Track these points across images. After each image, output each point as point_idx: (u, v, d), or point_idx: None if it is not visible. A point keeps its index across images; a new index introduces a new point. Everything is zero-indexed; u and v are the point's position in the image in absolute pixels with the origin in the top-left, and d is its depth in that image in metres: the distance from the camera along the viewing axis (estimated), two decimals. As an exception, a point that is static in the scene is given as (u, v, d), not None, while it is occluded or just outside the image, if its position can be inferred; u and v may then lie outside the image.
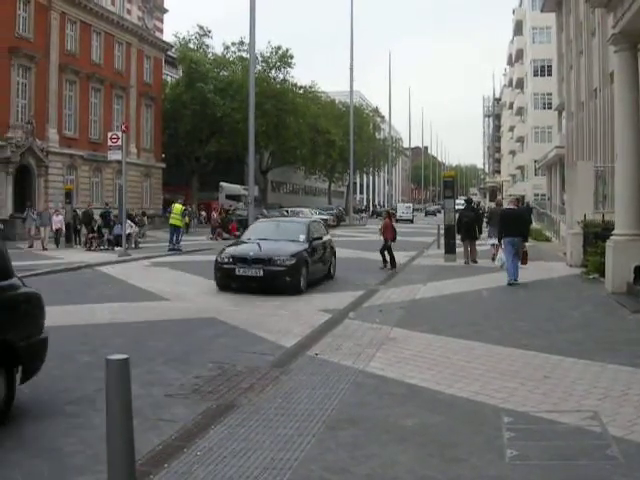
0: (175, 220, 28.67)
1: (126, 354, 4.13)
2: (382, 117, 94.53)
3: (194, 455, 5.28)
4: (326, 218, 52.90)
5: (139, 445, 4.52)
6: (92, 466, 5.18)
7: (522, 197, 60.02)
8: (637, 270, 13.48)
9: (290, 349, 9.34)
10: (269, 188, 72.03)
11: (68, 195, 33.42)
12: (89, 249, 28.69)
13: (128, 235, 27.77)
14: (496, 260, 18.28)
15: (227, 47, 58.03)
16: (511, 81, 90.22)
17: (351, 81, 61.51)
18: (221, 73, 56.11)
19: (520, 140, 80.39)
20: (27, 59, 37.65)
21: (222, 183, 58.00)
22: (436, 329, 10.34)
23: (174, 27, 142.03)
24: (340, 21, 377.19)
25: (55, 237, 29.86)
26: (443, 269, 20.01)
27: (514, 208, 17.71)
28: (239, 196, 56.12)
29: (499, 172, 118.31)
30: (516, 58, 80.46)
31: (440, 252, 23.94)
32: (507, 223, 16.35)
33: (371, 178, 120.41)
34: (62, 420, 6.41)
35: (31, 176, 38.16)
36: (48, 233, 29.58)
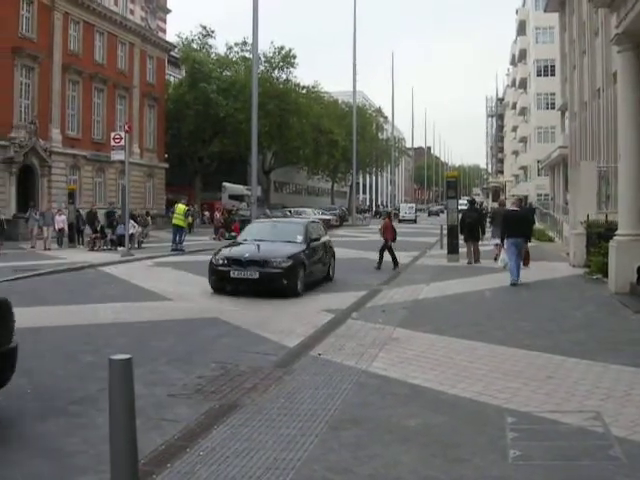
0: (178, 220, 28.69)
1: (129, 354, 4.13)
2: (385, 117, 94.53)
3: (197, 455, 5.28)
4: (329, 218, 53.04)
5: (142, 445, 4.52)
6: (95, 466, 5.18)
7: (525, 197, 60.03)
8: (640, 270, 13.46)
9: (293, 349, 9.33)
10: (272, 188, 72.06)
11: (71, 195, 33.45)
12: (92, 249, 28.72)
13: (131, 235, 27.79)
14: (499, 261, 18.27)
15: (230, 47, 58.21)
16: (514, 81, 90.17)
17: (354, 81, 61.65)
18: (224, 73, 56.17)
19: (523, 140, 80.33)
20: (30, 59, 37.70)
21: (225, 183, 58.03)
22: (439, 329, 10.34)
23: (177, 27, 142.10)
24: (343, 21, 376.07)
25: (58, 237, 29.88)
26: (446, 269, 20.00)
27: (517, 210, 17.68)
28: (242, 196, 56.14)
29: (502, 172, 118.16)
30: (519, 58, 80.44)
31: (443, 252, 23.92)
32: (510, 224, 16.39)
33: (374, 178, 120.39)
34: (65, 420, 6.41)
35: (34, 176, 38.23)
36: (51, 233, 29.60)
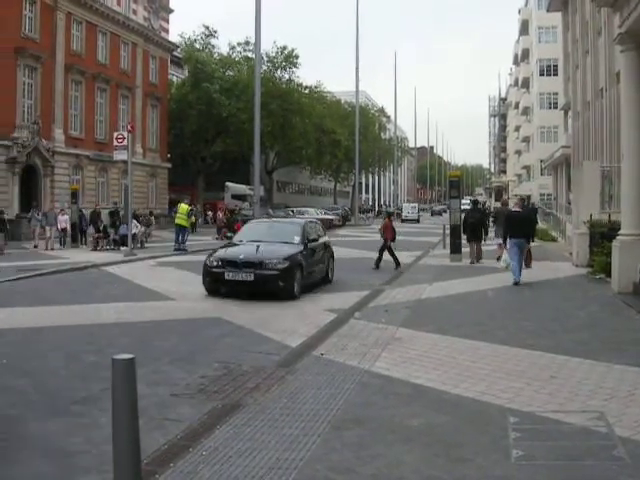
0: (181, 220, 28.69)
1: (132, 354, 4.13)
2: (388, 117, 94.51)
3: (200, 455, 5.28)
4: (331, 218, 53.03)
5: (145, 445, 4.52)
6: (98, 466, 5.19)
7: (528, 197, 59.88)
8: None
9: (296, 349, 9.34)
10: (275, 188, 72.11)
11: (74, 195, 33.48)
12: (95, 249, 28.74)
13: (134, 235, 27.80)
14: (501, 261, 18.26)
15: (233, 47, 58.13)
16: (517, 81, 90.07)
17: (357, 81, 61.56)
18: (227, 73, 56.13)
19: (526, 140, 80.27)
20: (33, 59, 37.73)
21: (228, 183, 58.06)
22: (442, 329, 10.33)
23: (180, 27, 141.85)
24: (346, 21, 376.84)
25: (60, 237, 29.90)
26: (449, 269, 19.99)
27: (519, 211, 17.67)
28: (245, 196, 56.19)
29: (505, 172, 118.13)
30: (522, 57, 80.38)
31: (446, 252, 23.91)
32: (512, 225, 16.40)
33: (377, 178, 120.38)
34: (68, 420, 6.41)
35: (37, 176, 38.26)
36: (54, 233, 29.62)
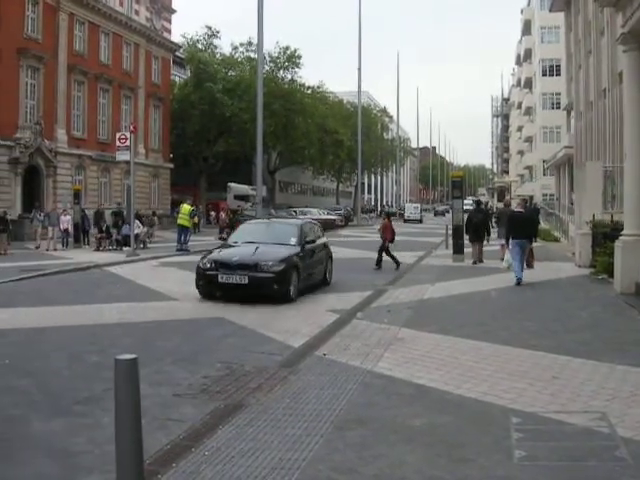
0: (183, 220, 28.72)
1: (135, 354, 4.13)
2: (390, 117, 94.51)
3: (202, 455, 5.29)
4: (334, 218, 53.05)
5: (147, 445, 4.53)
6: (100, 466, 5.19)
7: (530, 197, 59.89)
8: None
9: (298, 349, 9.34)
10: (277, 188, 72.09)
11: (77, 195, 33.47)
12: (97, 249, 28.77)
13: (136, 235, 27.82)
14: (503, 261, 18.28)
15: (235, 47, 58.16)
16: (519, 81, 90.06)
17: (359, 81, 61.53)
18: (229, 73, 56.17)
19: (528, 140, 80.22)
20: (36, 60, 37.76)
21: (230, 183, 58.07)
22: (444, 329, 10.33)
23: (182, 28, 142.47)
24: (345, 21, 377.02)
25: (63, 237, 29.92)
26: (451, 269, 19.98)
27: (522, 211, 17.69)
28: (247, 196, 56.21)
29: (507, 172, 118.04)
30: (524, 58, 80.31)
31: (448, 252, 23.90)
32: (515, 225, 16.41)
33: (379, 178, 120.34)
34: (70, 420, 6.42)
35: (40, 176, 38.30)
36: (56, 233, 29.65)
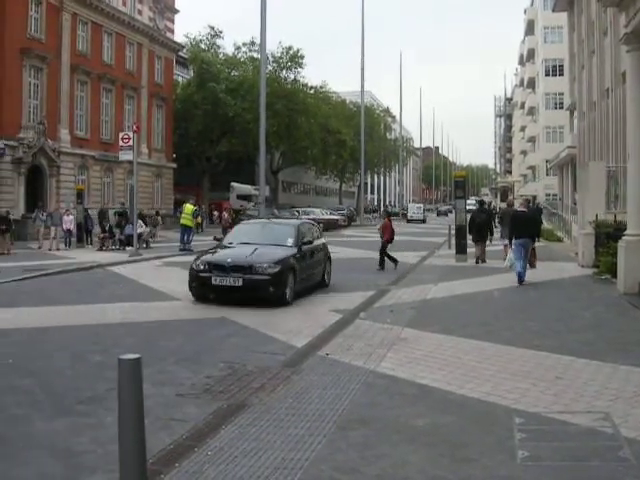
0: (186, 220, 28.74)
1: (138, 354, 4.14)
2: (393, 117, 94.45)
3: (205, 455, 5.29)
4: (337, 218, 53.06)
5: (150, 444, 4.53)
6: (103, 465, 5.20)
7: (533, 197, 59.87)
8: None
9: (301, 349, 9.34)
10: (280, 188, 72.10)
11: (79, 195, 33.56)
12: (100, 249, 28.79)
13: (139, 235, 27.84)
14: (506, 260, 18.28)
15: (238, 47, 58.23)
16: (522, 81, 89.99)
17: (362, 81, 61.62)
18: (232, 73, 56.20)
19: (531, 140, 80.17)
20: (39, 60, 37.80)
21: (233, 183, 58.08)
22: (447, 329, 10.33)
23: (185, 28, 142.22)
24: (351, 21, 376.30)
25: (66, 237, 29.95)
26: (454, 269, 19.97)
27: (525, 211, 17.70)
28: (250, 196, 56.20)
29: (510, 172, 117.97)
30: (527, 58, 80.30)
31: (451, 252, 23.88)
32: (517, 225, 16.42)
33: (382, 178, 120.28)
34: (74, 419, 6.43)
35: (43, 176, 38.34)
36: (59, 233, 29.67)
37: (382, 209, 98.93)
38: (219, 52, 57.67)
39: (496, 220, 29.03)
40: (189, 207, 29.37)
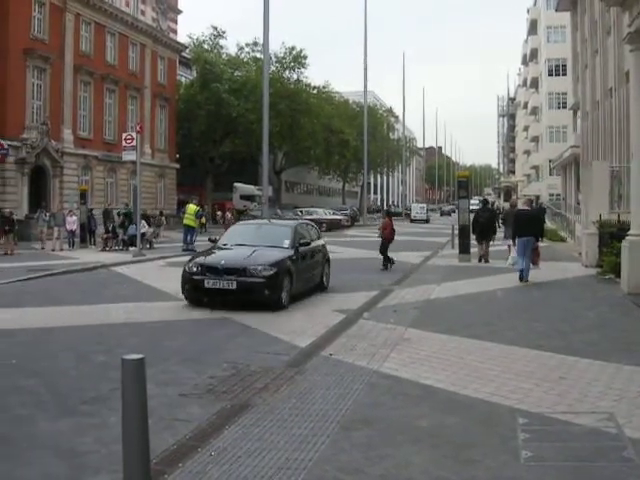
0: (189, 220, 28.75)
1: (141, 354, 4.14)
2: (396, 117, 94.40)
3: (208, 455, 5.29)
4: (340, 218, 53.06)
5: (154, 444, 4.54)
6: (107, 465, 5.21)
7: (537, 197, 59.77)
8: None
9: (304, 349, 9.33)
10: (283, 188, 72.15)
11: (83, 195, 33.60)
12: (104, 249, 28.81)
13: (142, 235, 27.85)
14: (509, 258, 18.28)
15: (241, 48, 58.24)
16: (525, 81, 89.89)
17: (365, 81, 61.55)
18: (235, 73, 56.19)
19: (535, 140, 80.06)
20: (42, 60, 37.88)
21: (236, 183, 58.11)
22: (451, 329, 10.31)
23: (188, 28, 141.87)
24: (354, 21, 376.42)
25: (69, 238, 29.98)
26: (457, 269, 19.95)
27: (528, 209, 17.71)
28: (253, 196, 56.26)
29: (514, 172, 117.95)
30: (530, 57, 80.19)
31: (454, 252, 23.86)
32: (521, 224, 16.43)
33: (385, 178, 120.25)
34: (78, 419, 6.43)
35: (46, 177, 38.42)
36: (63, 234, 29.70)
37: (386, 209, 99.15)
38: (222, 52, 57.70)
39: (499, 221, 29.00)
40: (192, 207, 29.38)
